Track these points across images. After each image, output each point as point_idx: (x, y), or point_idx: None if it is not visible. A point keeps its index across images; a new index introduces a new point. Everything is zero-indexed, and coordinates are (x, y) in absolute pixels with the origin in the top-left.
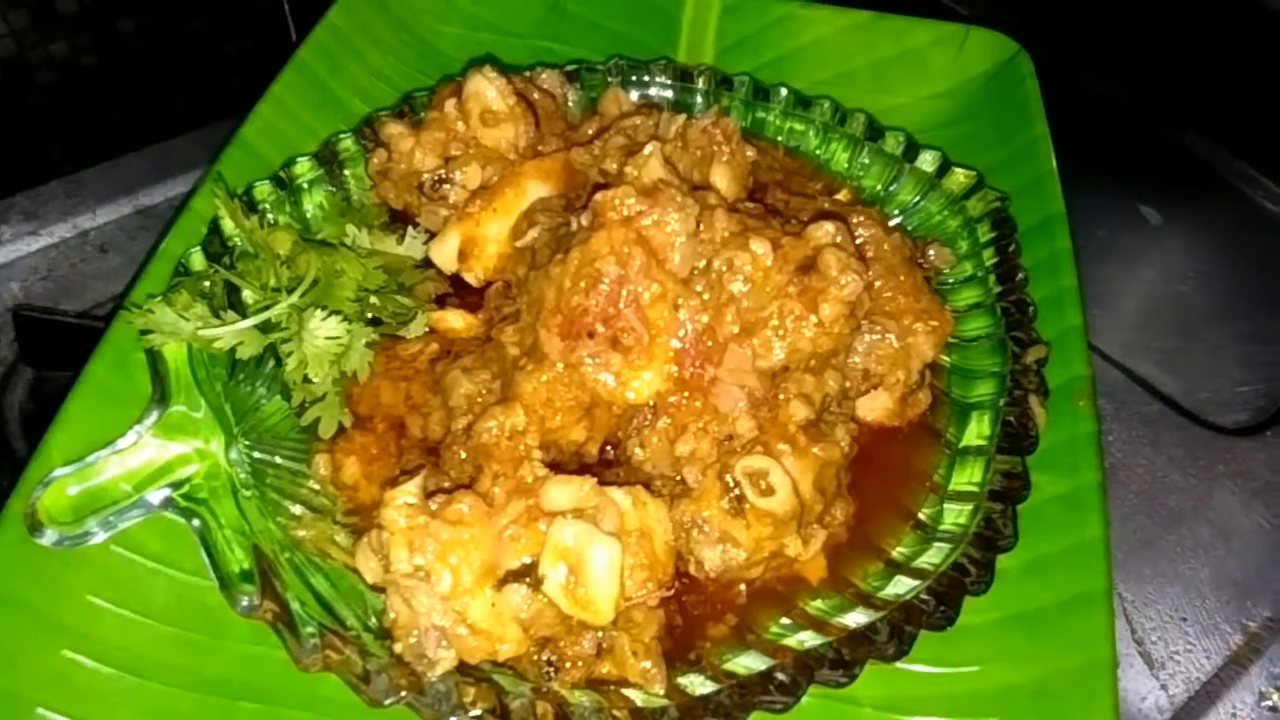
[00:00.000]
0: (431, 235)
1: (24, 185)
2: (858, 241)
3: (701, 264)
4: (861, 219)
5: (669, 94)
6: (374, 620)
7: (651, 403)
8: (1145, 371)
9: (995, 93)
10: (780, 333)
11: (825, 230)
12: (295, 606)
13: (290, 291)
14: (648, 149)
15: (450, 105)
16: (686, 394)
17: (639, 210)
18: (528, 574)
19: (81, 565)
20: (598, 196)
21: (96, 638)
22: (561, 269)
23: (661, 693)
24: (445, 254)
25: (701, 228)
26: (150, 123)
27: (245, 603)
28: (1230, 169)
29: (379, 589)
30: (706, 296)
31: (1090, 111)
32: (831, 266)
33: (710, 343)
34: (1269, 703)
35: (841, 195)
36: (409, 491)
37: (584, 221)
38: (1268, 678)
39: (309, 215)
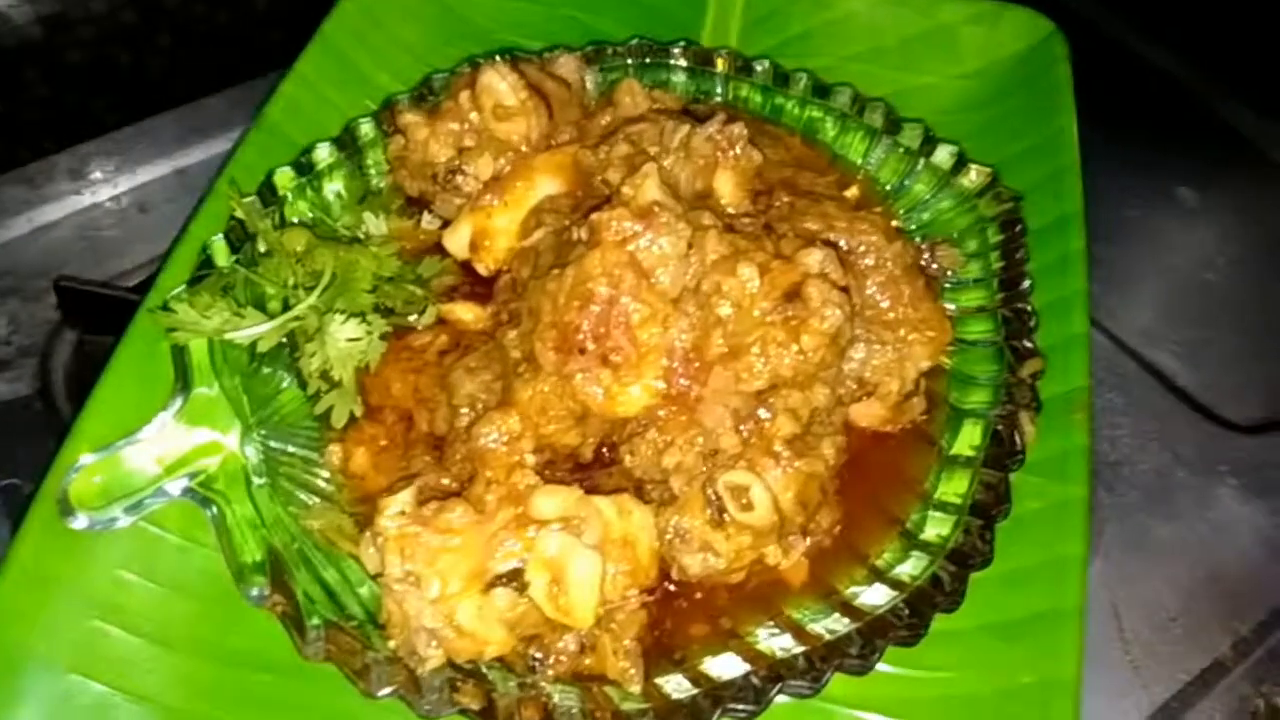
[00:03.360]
0: (445, 223)
1: (68, 142)
2: (859, 249)
3: (693, 284)
4: (864, 226)
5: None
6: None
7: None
8: (1162, 362)
9: (1025, 76)
10: (763, 359)
11: (815, 258)
12: (301, 599)
13: (309, 289)
14: (645, 169)
15: (464, 97)
16: (674, 408)
17: (633, 232)
18: (516, 577)
19: (112, 542)
20: (594, 217)
21: (125, 609)
22: (557, 285)
23: (639, 692)
24: (458, 242)
25: (693, 249)
26: (187, 75)
27: (255, 593)
28: (1276, 149)
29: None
30: (696, 317)
31: (1134, 78)
32: (813, 298)
33: (697, 363)
34: (1251, 707)
35: (850, 192)
36: (402, 501)
37: (583, 235)
38: (1252, 682)
39: (330, 201)
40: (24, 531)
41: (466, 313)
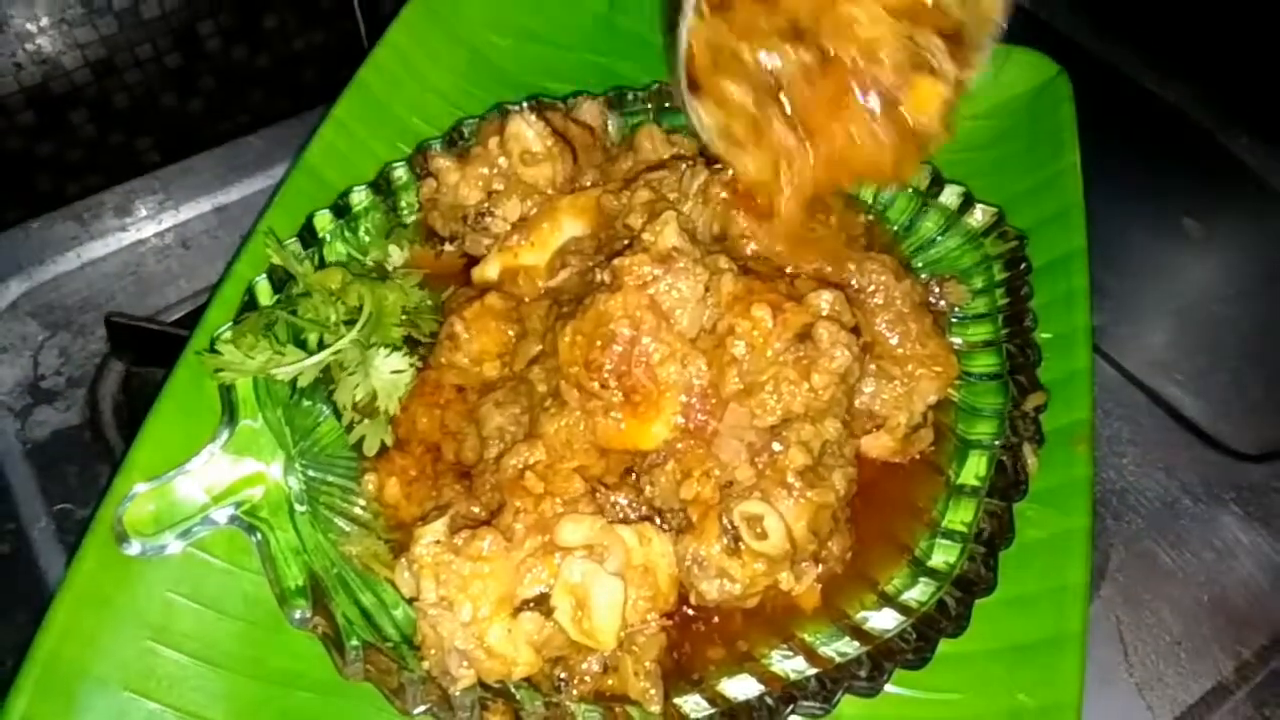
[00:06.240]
0: (473, 260)
1: (114, 180)
2: (869, 288)
3: (710, 325)
4: (874, 266)
5: None
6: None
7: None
8: (1169, 393)
9: (1031, 116)
10: (775, 397)
11: (825, 300)
12: (341, 621)
13: (348, 325)
14: (665, 216)
15: (493, 143)
16: (691, 442)
17: (654, 276)
18: (543, 602)
19: (162, 566)
20: (616, 262)
21: (175, 630)
22: (580, 324)
23: (659, 711)
24: (487, 280)
25: (709, 291)
26: (228, 115)
27: (298, 616)
28: None
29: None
30: (712, 356)
31: (1140, 110)
32: (823, 339)
33: (713, 400)
34: None
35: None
36: (436, 530)
37: (605, 278)
38: (1254, 705)
39: (364, 241)
40: (81, 557)
41: None
